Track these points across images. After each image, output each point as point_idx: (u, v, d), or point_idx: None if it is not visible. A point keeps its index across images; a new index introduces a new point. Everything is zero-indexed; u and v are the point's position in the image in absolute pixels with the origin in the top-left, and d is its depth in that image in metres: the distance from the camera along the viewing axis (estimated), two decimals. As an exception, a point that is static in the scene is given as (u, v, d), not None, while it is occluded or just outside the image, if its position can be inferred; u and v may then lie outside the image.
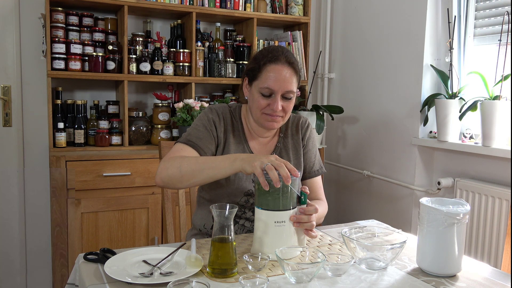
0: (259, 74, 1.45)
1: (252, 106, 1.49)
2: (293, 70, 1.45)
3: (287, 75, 1.44)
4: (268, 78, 1.43)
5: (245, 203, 1.52)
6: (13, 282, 2.70)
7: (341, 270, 1.15)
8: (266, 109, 1.45)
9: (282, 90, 1.43)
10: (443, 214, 1.14)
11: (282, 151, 1.59)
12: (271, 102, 1.44)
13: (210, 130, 1.49)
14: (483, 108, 2.14)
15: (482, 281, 1.16)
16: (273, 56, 1.44)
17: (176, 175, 1.35)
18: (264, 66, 1.44)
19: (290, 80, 1.44)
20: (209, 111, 1.54)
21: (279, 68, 1.43)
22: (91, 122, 2.63)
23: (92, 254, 1.23)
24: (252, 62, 1.49)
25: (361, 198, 3.02)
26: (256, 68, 1.46)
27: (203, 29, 3.00)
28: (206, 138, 1.48)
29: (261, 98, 1.45)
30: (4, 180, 2.66)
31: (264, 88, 1.43)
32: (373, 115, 2.90)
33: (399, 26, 2.68)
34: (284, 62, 1.44)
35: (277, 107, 1.43)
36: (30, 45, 2.65)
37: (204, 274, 1.14)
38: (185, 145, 1.45)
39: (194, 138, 1.47)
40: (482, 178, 2.27)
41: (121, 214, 2.43)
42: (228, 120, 1.55)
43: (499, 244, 2.09)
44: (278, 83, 1.42)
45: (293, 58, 1.48)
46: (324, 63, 3.26)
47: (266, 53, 1.46)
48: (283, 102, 1.45)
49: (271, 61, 1.44)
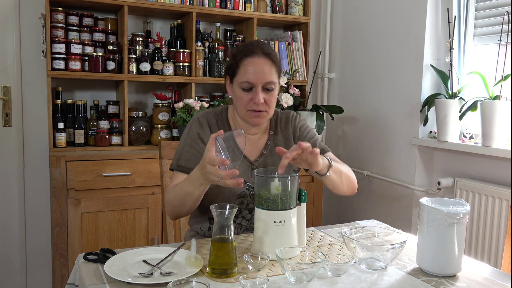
0: (238, 70, 1.46)
1: (237, 104, 1.50)
2: (270, 60, 1.46)
3: (265, 66, 1.44)
4: (247, 72, 1.44)
5: (240, 204, 1.51)
6: (13, 282, 2.70)
7: (341, 270, 1.15)
8: (250, 105, 1.46)
9: (262, 81, 1.44)
10: (443, 214, 1.14)
11: (272, 148, 1.58)
12: (253, 95, 1.44)
13: (197, 147, 1.50)
14: (483, 108, 2.14)
15: (482, 281, 1.16)
16: (249, 49, 1.45)
17: (175, 211, 1.45)
18: (241, 61, 1.45)
19: (268, 71, 1.45)
20: (193, 124, 1.54)
21: (256, 61, 1.44)
22: (91, 122, 2.63)
23: (92, 254, 1.23)
24: (230, 60, 1.51)
25: (361, 198, 3.02)
26: (234, 65, 1.47)
27: (203, 29, 3.00)
28: (195, 155, 1.48)
29: (243, 93, 1.45)
30: (4, 180, 2.66)
31: (244, 82, 1.44)
32: (373, 115, 2.90)
33: (399, 26, 2.68)
34: (260, 54, 1.44)
35: (259, 99, 1.43)
36: (30, 45, 2.65)
37: (204, 274, 1.14)
38: (177, 172, 1.49)
39: (183, 161, 1.49)
40: (482, 178, 2.27)
41: (121, 214, 2.43)
42: (214, 125, 1.55)
43: (499, 244, 2.09)
44: (257, 75, 1.43)
45: (270, 49, 1.48)
46: (324, 63, 3.26)
47: (242, 48, 1.48)
48: (265, 95, 1.45)
49: (247, 55, 1.45)
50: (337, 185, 1.46)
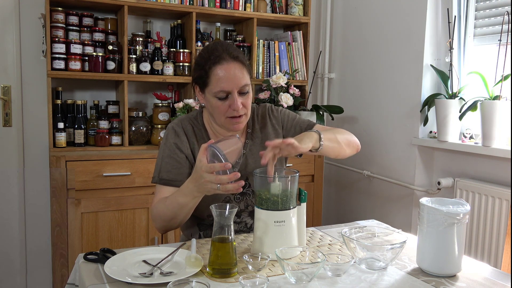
0: (208, 80, 1.40)
1: (214, 113, 1.44)
2: (240, 63, 1.40)
3: (236, 70, 1.39)
4: (219, 81, 1.38)
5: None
6: (13, 282, 2.70)
7: (341, 270, 1.15)
8: (228, 112, 1.41)
9: (237, 87, 1.39)
10: (443, 214, 1.14)
11: (252, 147, 1.55)
12: (230, 102, 1.39)
13: (176, 157, 1.47)
14: (483, 108, 2.14)
15: (482, 281, 1.16)
16: (216, 56, 1.39)
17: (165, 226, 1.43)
18: (211, 70, 1.39)
19: (241, 75, 1.39)
20: (169, 134, 1.50)
21: (226, 67, 1.38)
22: (91, 122, 2.63)
23: (92, 254, 1.23)
24: (197, 69, 1.43)
25: (361, 198, 3.02)
26: (204, 75, 1.41)
27: (203, 29, 3.00)
28: (175, 166, 1.46)
29: (219, 102, 1.40)
30: (4, 180, 2.66)
31: (218, 92, 1.39)
32: (373, 115, 2.90)
33: (399, 26, 2.68)
34: (229, 59, 1.39)
35: (237, 105, 1.38)
36: (30, 45, 2.65)
37: (204, 274, 1.14)
38: (160, 186, 1.47)
39: (164, 174, 1.46)
40: (482, 178, 2.27)
41: (121, 214, 2.43)
42: (190, 132, 1.51)
43: (499, 244, 2.09)
44: (231, 82, 1.38)
45: (236, 51, 1.42)
46: (324, 63, 3.26)
47: (207, 55, 1.41)
48: (242, 98, 1.41)
49: (216, 62, 1.38)
50: (337, 151, 1.45)
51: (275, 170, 1.27)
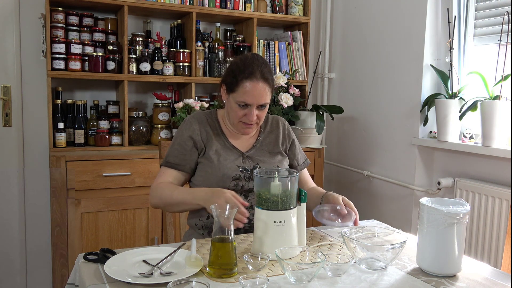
0: (236, 88, 1.55)
1: (230, 114, 1.61)
2: (267, 84, 1.56)
3: (262, 89, 1.54)
4: (245, 94, 1.54)
5: (235, 186, 1.58)
6: (13, 282, 2.70)
7: (341, 270, 1.15)
8: (243, 119, 1.58)
9: (258, 103, 1.55)
10: (443, 214, 1.14)
11: (262, 144, 1.69)
12: (247, 112, 1.56)
13: (184, 145, 1.62)
14: (483, 108, 2.14)
15: (482, 281, 1.16)
16: (249, 72, 1.54)
17: (160, 206, 1.60)
18: (241, 82, 1.54)
19: (264, 94, 1.55)
20: (184, 124, 1.67)
21: (255, 84, 1.53)
22: (91, 122, 2.63)
23: (92, 254, 1.23)
24: (230, 75, 1.58)
25: (361, 198, 3.02)
26: (234, 82, 1.56)
27: (203, 29, 3.00)
28: (182, 152, 1.61)
29: (238, 108, 1.56)
30: (4, 180, 2.66)
31: (241, 101, 1.55)
32: (373, 115, 2.90)
33: (399, 26, 2.67)
34: (259, 78, 1.54)
35: (252, 117, 1.56)
36: (30, 45, 2.65)
37: (204, 274, 1.14)
38: (165, 168, 1.63)
39: (171, 158, 1.62)
40: (482, 178, 2.27)
41: (121, 214, 2.43)
42: (204, 122, 1.67)
43: (499, 244, 2.09)
44: (254, 98, 1.54)
45: (268, 73, 1.57)
46: (324, 63, 3.26)
47: (242, 67, 1.56)
48: (258, 111, 1.58)
49: (247, 78, 1.54)
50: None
51: (275, 170, 1.29)
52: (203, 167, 1.60)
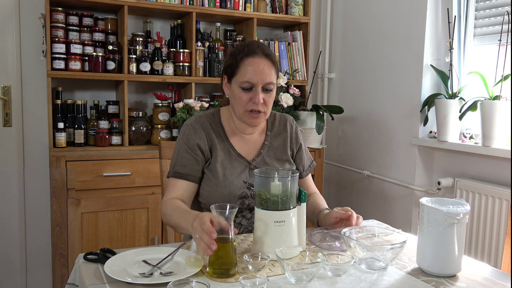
0: (237, 70, 1.47)
1: (235, 104, 1.50)
2: (270, 61, 1.47)
3: (265, 67, 1.46)
4: (247, 72, 1.45)
5: (241, 205, 1.52)
6: (13, 282, 2.70)
7: (341, 270, 1.15)
8: (249, 105, 1.47)
9: (262, 82, 1.45)
10: (443, 214, 1.14)
11: (269, 149, 1.60)
12: (252, 95, 1.46)
13: (192, 153, 1.51)
14: (483, 108, 2.14)
15: (482, 281, 1.16)
16: (250, 50, 1.46)
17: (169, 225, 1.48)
18: (242, 61, 1.46)
19: (268, 72, 1.46)
20: (186, 130, 1.54)
21: (257, 61, 1.45)
22: (91, 122, 2.63)
23: (92, 254, 1.23)
24: (229, 59, 1.50)
25: (361, 198, 3.02)
26: (234, 64, 1.48)
27: (203, 29, 3.00)
28: (190, 161, 1.51)
29: (242, 93, 1.46)
30: (4, 180, 2.66)
31: (244, 82, 1.45)
32: (373, 115, 2.90)
33: (399, 26, 2.68)
34: (261, 55, 1.46)
35: (259, 99, 1.44)
36: (30, 45, 2.65)
37: (204, 274, 1.14)
38: (174, 179, 1.51)
39: (179, 168, 1.51)
40: (482, 178, 2.27)
41: (121, 214, 2.43)
42: (208, 127, 1.55)
43: (499, 244, 2.09)
44: (258, 76, 1.44)
45: (269, 50, 1.50)
46: (324, 63, 3.26)
47: (242, 48, 1.48)
48: (264, 95, 1.47)
49: (248, 55, 1.46)
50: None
51: (275, 170, 1.28)
52: (208, 180, 1.51)
